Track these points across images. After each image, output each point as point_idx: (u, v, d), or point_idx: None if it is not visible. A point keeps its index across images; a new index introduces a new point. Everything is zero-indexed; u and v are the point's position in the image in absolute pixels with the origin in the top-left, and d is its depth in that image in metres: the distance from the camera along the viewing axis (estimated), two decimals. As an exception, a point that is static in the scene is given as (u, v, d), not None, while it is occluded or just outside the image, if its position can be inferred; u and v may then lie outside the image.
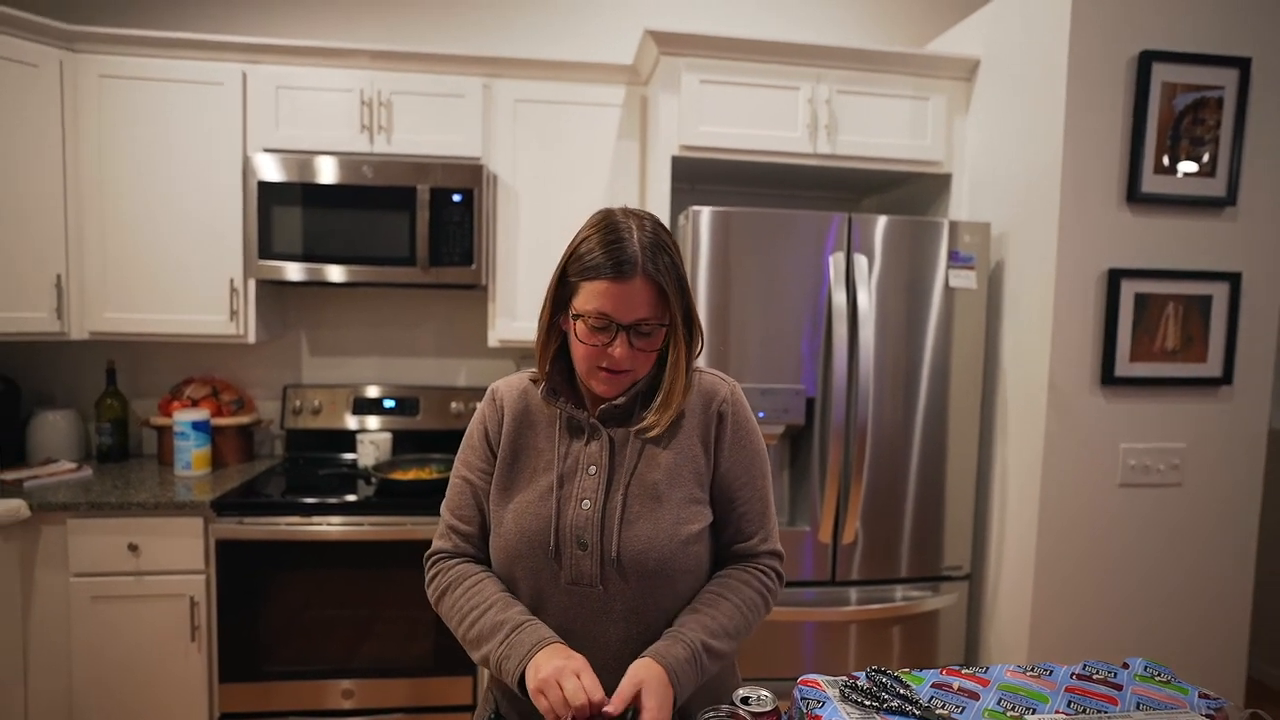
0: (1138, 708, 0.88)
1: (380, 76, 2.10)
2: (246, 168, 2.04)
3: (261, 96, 2.07)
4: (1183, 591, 1.87)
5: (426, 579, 0.98)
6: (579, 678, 0.80)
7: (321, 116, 2.10)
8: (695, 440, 0.96)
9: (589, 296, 0.88)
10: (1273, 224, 1.82)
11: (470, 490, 0.98)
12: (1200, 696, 0.90)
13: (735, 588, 0.95)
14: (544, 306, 0.94)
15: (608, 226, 0.89)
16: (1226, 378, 1.82)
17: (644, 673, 0.83)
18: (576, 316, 0.89)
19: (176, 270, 2.09)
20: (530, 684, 0.81)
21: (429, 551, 1.00)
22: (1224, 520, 1.87)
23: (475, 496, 0.98)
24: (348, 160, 2.04)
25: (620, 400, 0.94)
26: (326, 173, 2.03)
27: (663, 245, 0.89)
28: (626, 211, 0.92)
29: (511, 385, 1.01)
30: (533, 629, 0.87)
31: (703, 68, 1.97)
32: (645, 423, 0.94)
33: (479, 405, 1.02)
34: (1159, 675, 0.96)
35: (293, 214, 2.03)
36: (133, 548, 1.85)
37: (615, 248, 0.87)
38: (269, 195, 2.02)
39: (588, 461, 0.94)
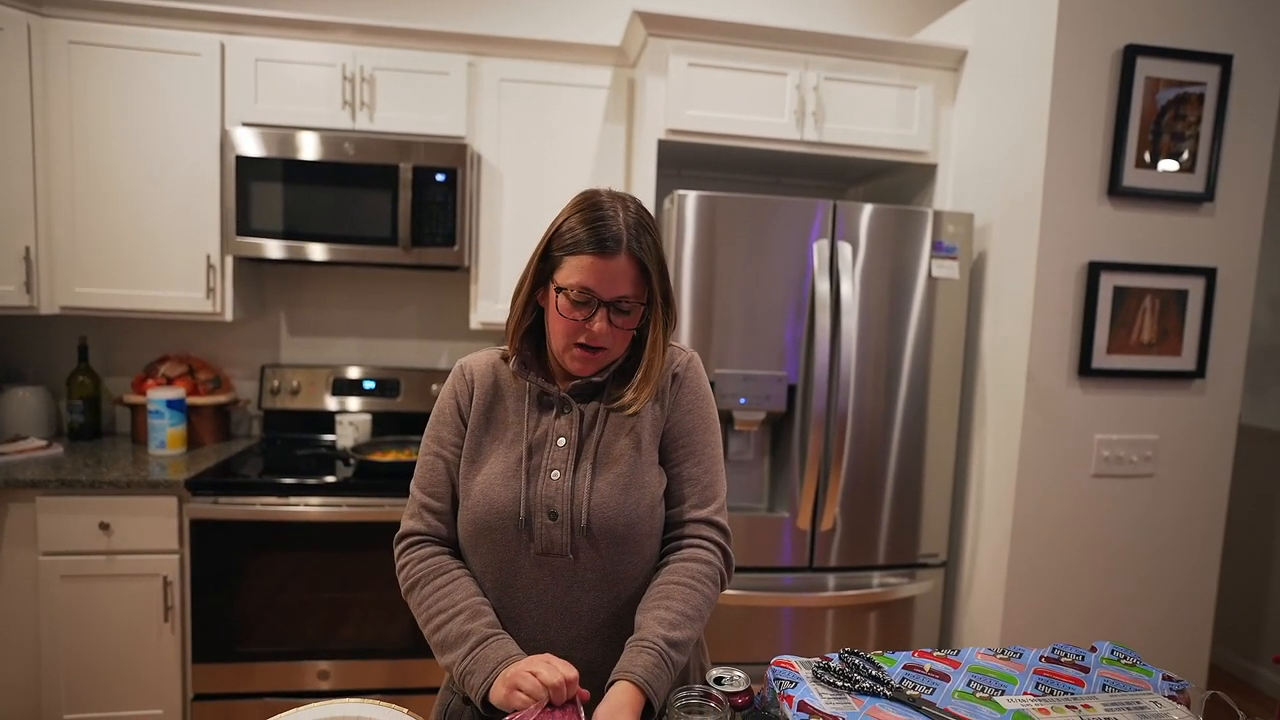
0: (1103, 689, 0.90)
1: (363, 51, 2.06)
2: (224, 142, 1.99)
3: (240, 69, 2.03)
4: (1151, 580, 1.91)
5: (397, 565, 0.96)
6: (549, 663, 0.80)
7: (302, 91, 2.05)
8: (655, 403, 0.98)
9: (572, 271, 0.89)
10: (1248, 221, 1.84)
11: (443, 466, 0.97)
12: (1164, 679, 0.92)
13: (681, 568, 0.93)
14: (523, 279, 0.94)
15: (593, 204, 0.91)
16: (1200, 371, 1.85)
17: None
18: (559, 290, 0.90)
19: (151, 245, 2.04)
20: (500, 692, 0.80)
21: (400, 533, 0.98)
22: (1193, 511, 1.91)
23: (448, 472, 0.97)
24: (329, 136, 2.00)
25: (597, 377, 0.95)
26: (307, 149, 1.99)
27: (646, 226, 0.92)
28: (611, 193, 0.93)
29: (480, 360, 1.01)
30: (498, 644, 0.86)
31: (691, 51, 1.96)
32: (625, 399, 0.95)
33: (447, 381, 1.02)
34: (1125, 658, 0.98)
35: (272, 190, 1.99)
36: (104, 526, 1.82)
37: (601, 225, 0.88)
38: (247, 170, 1.98)
39: (556, 434, 0.94)
